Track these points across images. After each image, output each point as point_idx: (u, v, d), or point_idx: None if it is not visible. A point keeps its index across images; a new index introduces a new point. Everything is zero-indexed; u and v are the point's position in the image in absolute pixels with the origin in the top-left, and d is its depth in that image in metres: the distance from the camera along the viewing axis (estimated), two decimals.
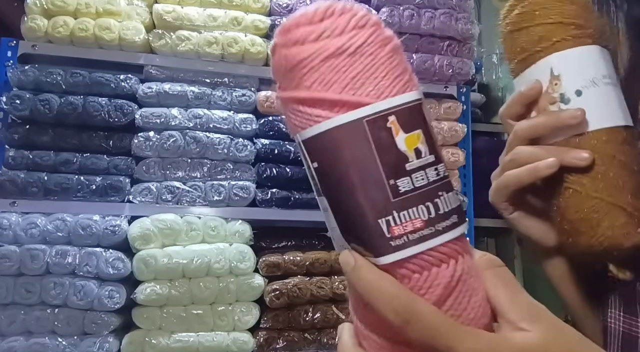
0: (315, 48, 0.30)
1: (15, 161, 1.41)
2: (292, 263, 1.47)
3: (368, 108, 0.29)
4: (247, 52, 1.57)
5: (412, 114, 0.30)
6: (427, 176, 0.30)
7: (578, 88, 0.45)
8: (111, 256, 1.36)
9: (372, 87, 0.30)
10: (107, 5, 1.52)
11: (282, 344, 1.43)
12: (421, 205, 0.29)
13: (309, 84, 0.30)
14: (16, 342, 1.31)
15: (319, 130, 0.30)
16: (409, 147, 0.29)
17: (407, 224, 0.29)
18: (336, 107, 0.29)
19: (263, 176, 1.53)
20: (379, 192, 0.29)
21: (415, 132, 0.30)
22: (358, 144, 0.29)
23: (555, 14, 0.46)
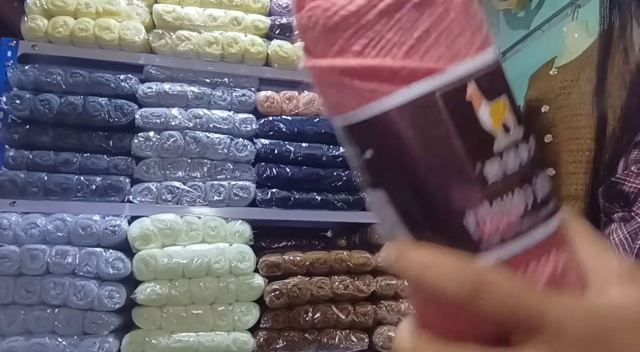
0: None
1: (15, 161, 1.41)
2: (292, 263, 1.47)
3: (443, 75, 0.22)
4: (247, 52, 1.58)
5: (495, 77, 0.23)
6: (520, 155, 0.23)
7: None
8: (111, 256, 1.36)
9: (445, 48, 0.22)
10: (107, 5, 1.52)
11: (282, 344, 1.43)
12: (516, 194, 0.23)
13: (359, 48, 0.22)
14: (16, 342, 1.31)
15: (376, 110, 0.22)
16: (495, 120, 0.23)
17: (501, 220, 0.23)
18: (398, 78, 0.22)
19: (263, 176, 1.53)
20: (462, 183, 0.23)
21: (500, 99, 0.23)
22: (431, 125, 0.22)
23: None
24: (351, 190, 1.59)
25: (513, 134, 0.23)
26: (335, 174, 1.56)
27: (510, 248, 0.23)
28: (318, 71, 0.24)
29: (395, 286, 1.52)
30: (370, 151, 0.24)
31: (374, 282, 1.51)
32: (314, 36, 0.24)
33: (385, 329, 1.49)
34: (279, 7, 1.66)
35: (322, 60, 0.23)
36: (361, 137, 0.24)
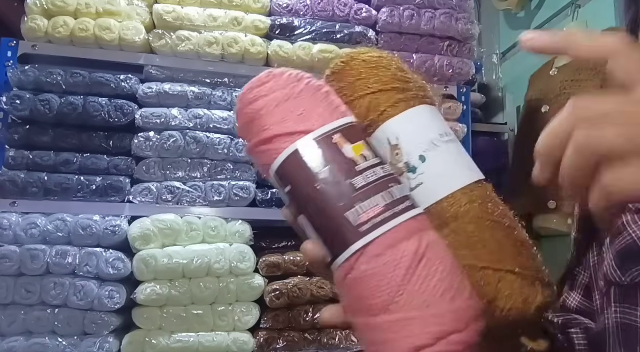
0: (267, 100, 0.39)
1: (15, 161, 1.41)
2: (292, 263, 1.47)
3: (317, 131, 0.37)
4: (247, 52, 1.58)
5: (352, 130, 0.38)
6: (375, 173, 0.36)
7: (420, 153, 0.42)
8: (111, 256, 1.36)
9: (316, 117, 0.38)
10: (107, 5, 1.52)
11: (282, 344, 1.43)
12: (377, 194, 0.35)
13: (267, 127, 0.38)
14: (16, 342, 1.31)
15: (283, 157, 0.37)
16: (356, 153, 0.37)
17: (369, 211, 0.35)
18: (292, 137, 0.37)
19: (263, 176, 1.52)
20: (340, 192, 0.35)
21: (358, 143, 0.38)
22: (315, 159, 0.36)
23: (374, 82, 0.44)
24: None
25: (370, 161, 0.37)
26: None
27: (381, 229, 0.34)
28: (251, 148, 0.40)
29: None
30: (288, 186, 0.38)
31: None
32: (246, 130, 0.40)
33: None
34: (279, 7, 1.66)
35: (252, 141, 0.40)
36: (281, 179, 0.38)
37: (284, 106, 0.39)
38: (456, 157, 0.43)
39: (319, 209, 0.36)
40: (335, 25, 1.66)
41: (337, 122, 0.38)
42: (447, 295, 0.33)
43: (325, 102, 0.40)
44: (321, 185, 0.36)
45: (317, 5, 1.68)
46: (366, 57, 0.46)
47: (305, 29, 1.63)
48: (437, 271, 0.33)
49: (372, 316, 0.33)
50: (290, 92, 0.39)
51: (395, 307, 0.33)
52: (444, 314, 0.32)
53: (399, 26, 1.70)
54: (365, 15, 1.70)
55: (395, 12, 1.71)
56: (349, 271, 0.35)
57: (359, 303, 0.35)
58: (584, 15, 1.85)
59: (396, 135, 0.43)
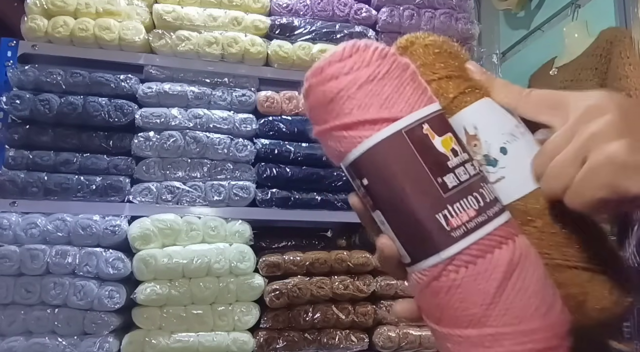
0: (349, 79, 0.34)
1: (15, 161, 1.41)
2: (292, 263, 1.47)
3: (404, 120, 0.33)
4: (247, 52, 1.58)
5: (440, 120, 0.34)
6: (467, 171, 0.33)
7: (501, 145, 0.39)
8: (111, 256, 1.36)
9: (404, 104, 0.34)
10: (107, 5, 1.52)
11: (282, 344, 1.43)
12: (470, 196, 0.32)
13: (348, 111, 0.34)
14: (16, 342, 1.31)
15: (365, 148, 0.33)
16: (446, 147, 0.33)
17: (462, 215, 0.32)
18: (377, 125, 0.33)
19: (263, 176, 1.53)
20: (431, 191, 0.32)
21: (447, 135, 0.34)
22: (403, 153, 0.32)
23: (440, 68, 0.41)
24: (351, 190, 1.59)
25: (460, 157, 0.33)
26: (335, 174, 1.56)
27: (474, 235, 0.31)
28: (324, 131, 0.36)
29: (395, 286, 1.52)
30: (365, 179, 0.34)
31: (374, 282, 1.51)
32: (320, 109, 0.36)
33: (385, 329, 1.49)
34: (279, 7, 1.66)
35: (326, 124, 0.35)
36: (358, 170, 0.34)
37: (367, 88, 0.34)
38: (534, 149, 0.39)
39: (404, 208, 0.32)
40: (335, 25, 1.67)
41: (425, 110, 0.34)
42: (541, 310, 0.31)
43: (413, 85, 0.35)
44: (409, 182, 0.32)
45: (317, 5, 1.68)
46: (428, 42, 0.43)
47: (305, 29, 1.63)
48: (530, 282, 0.31)
49: (460, 327, 0.32)
50: (376, 71, 0.34)
51: (486, 321, 0.31)
52: (536, 331, 0.31)
53: (399, 26, 1.70)
54: (365, 15, 1.70)
55: (395, 12, 1.71)
56: (436, 278, 0.32)
57: (444, 312, 0.32)
58: (584, 15, 1.85)
59: (474, 124, 0.39)
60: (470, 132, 0.39)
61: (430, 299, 0.33)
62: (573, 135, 0.31)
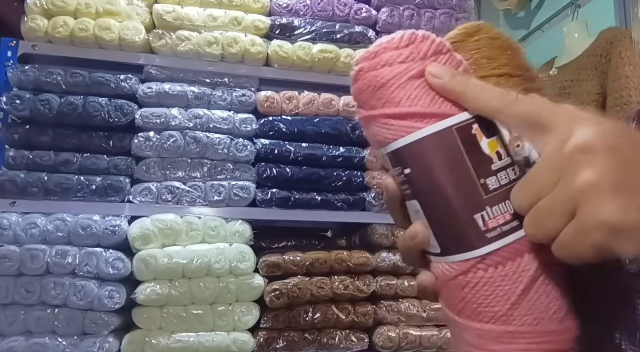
0: (402, 68, 0.34)
1: (15, 161, 1.41)
2: (292, 263, 1.47)
3: (455, 117, 0.34)
4: (247, 52, 1.58)
5: (488, 122, 0.34)
6: (508, 175, 0.34)
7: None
8: (111, 256, 1.36)
9: (453, 102, 0.34)
10: (107, 5, 1.52)
11: (282, 344, 1.43)
12: (508, 200, 0.33)
13: (398, 100, 0.34)
14: (16, 342, 1.31)
15: (412, 139, 0.34)
16: (491, 149, 0.34)
17: (499, 217, 0.33)
18: (426, 119, 0.34)
19: (263, 176, 1.53)
20: (472, 191, 0.33)
21: (494, 137, 0.34)
22: (450, 149, 0.33)
23: (502, 64, 0.41)
24: (351, 190, 1.59)
25: (503, 161, 0.34)
26: (335, 174, 1.56)
27: (507, 239, 0.32)
28: (370, 117, 0.36)
29: (395, 286, 1.52)
30: (408, 169, 0.34)
31: (374, 282, 1.51)
32: (368, 94, 0.36)
33: (385, 329, 1.49)
34: (279, 7, 1.66)
35: (373, 110, 0.35)
36: (401, 159, 0.35)
37: (419, 81, 0.34)
38: None
39: (444, 203, 0.33)
40: (335, 25, 1.67)
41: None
42: (558, 315, 0.33)
43: None
44: (452, 179, 0.33)
45: (317, 5, 1.68)
46: (493, 34, 0.42)
47: (305, 29, 1.63)
48: (553, 288, 0.33)
49: (480, 322, 0.34)
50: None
51: (506, 319, 0.33)
52: (552, 333, 0.33)
53: (399, 26, 1.70)
54: (365, 15, 1.70)
55: (395, 12, 1.71)
56: (464, 273, 0.34)
57: (466, 305, 0.34)
58: (584, 15, 1.85)
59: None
60: (514, 132, 0.39)
61: (455, 291, 0.34)
62: (559, 176, 0.29)
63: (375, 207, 1.59)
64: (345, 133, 1.59)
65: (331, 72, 1.67)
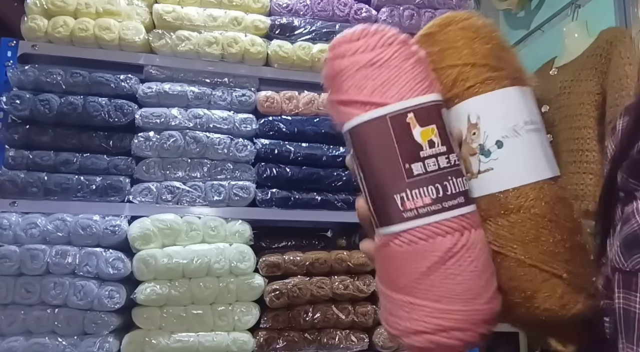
0: (351, 61, 0.38)
1: (15, 161, 1.41)
2: (292, 263, 1.47)
3: (391, 106, 0.37)
4: (247, 52, 1.58)
5: (429, 111, 0.37)
6: (438, 163, 0.36)
7: (498, 138, 0.40)
8: (111, 256, 1.36)
9: (396, 91, 0.37)
10: (107, 5, 1.52)
11: (282, 344, 1.43)
12: (431, 185, 0.36)
13: (346, 89, 0.38)
14: (16, 342, 1.31)
15: (354, 124, 0.38)
16: (424, 138, 0.36)
17: (417, 200, 0.36)
18: (366, 106, 0.37)
19: (263, 176, 1.53)
20: (396, 173, 0.36)
21: (429, 127, 0.37)
22: (382, 135, 0.37)
23: (467, 55, 0.42)
24: (351, 190, 1.59)
25: (436, 149, 0.36)
26: (335, 174, 1.56)
27: (422, 220, 0.36)
28: (329, 102, 0.41)
29: None
30: (352, 149, 0.39)
31: (374, 282, 1.51)
32: (328, 83, 0.41)
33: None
34: (279, 7, 1.66)
35: (330, 96, 0.40)
36: (349, 141, 0.39)
37: (366, 72, 0.38)
38: (535, 149, 0.41)
39: (375, 181, 0.37)
40: (335, 25, 1.67)
41: (414, 100, 0.37)
42: (463, 296, 0.36)
43: (411, 74, 0.38)
44: (382, 161, 0.37)
45: (317, 5, 1.68)
46: (465, 25, 0.43)
47: (305, 29, 1.63)
48: (463, 272, 0.36)
49: (392, 290, 0.38)
50: (377, 58, 0.38)
51: (411, 291, 0.36)
52: (451, 312, 0.35)
53: (399, 26, 1.70)
54: (365, 15, 1.70)
55: (395, 12, 1.71)
56: (385, 245, 0.38)
57: (385, 274, 0.39)
58: (584, 15, 1.85)
59: (478, 114, 0.41)
60: (472, 120, 0.42)
61: (379, 260, 0.39)
62: None
63: None
64: None
65: None
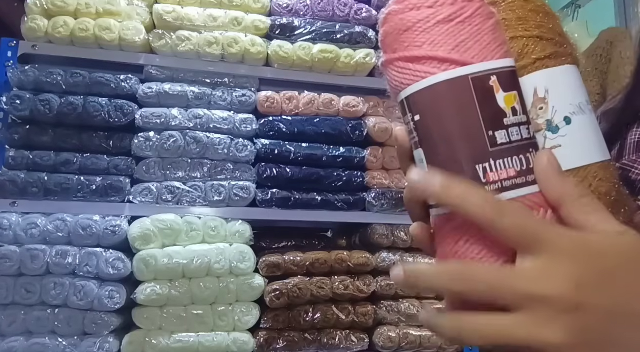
0: (430, 12, 0.34)
1: (15, 161, 1.41)
2: (292, 263, 1.47)
3: (474, 66, 0.33)
4: (247, 52, 1.57)
5: (510, 76, 0.34)
6: (521, 132, 0.33)
7: (566, 114, 0.39)
8: (111, 256, 1.36)
9: (477, 51, 0.33)
10: (107, 5, 1.52)
11: (282, 344, 1.43)
12: (515, 156, 0.32)
13: (420, 44, 0.34)
14: (16, 342, 1.31)
15: (427, 84, 0.33)
16: (507, 104, 0.33)
17: (502, 172, 0.32)
18: (444, 65, 0.33)
19: (263, 176, 1.53)
20: (478, 141, 0.32)
21: (512, 92, 0.34)
22: (462, 98, 0.32)
23: (534, 27, 0.41)
24: (351, 190, 1.59)
25: (518, 117, 0.33)
26: (335, 174, 1.56)
27: (506, 194, 0.32)
28: (391, 60, 0.35)
29: (395, 286, 1.52)
30: (417, 115, 0.34)
31: (374, 282, 1.51)
32: (393, 37, 0.36)
33: (385, 329, 1.49)
34: (279, 7, 1.66)
35: (395, 53, 0.35)
36: (412, 105, 0.34)
37: (445, 27, 0.34)
38: (597, 128, 0.39)
39: (448, 150, 0.33)
40: (335, 25, 1.66)
41: (497, 63, 0.34)
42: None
43: (492, 35, 0.35)
44: (460, 127, 0.32)
45: (317, 5, 1.68)
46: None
47: (305, 29, 1.63)
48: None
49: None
50: (458, 12, 0.34)
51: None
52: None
53: None
54: (365, 15, 1.70)
55: None
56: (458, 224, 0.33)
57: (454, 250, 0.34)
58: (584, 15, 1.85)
59: (546, 88, 0.39)
60: (540, 94, 0.39)
61: (443, 239, 0.34)
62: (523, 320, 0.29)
63: (375, 207, 1.58)
64: (345, 133, 1.59)
65: (331, 72, 1.67)
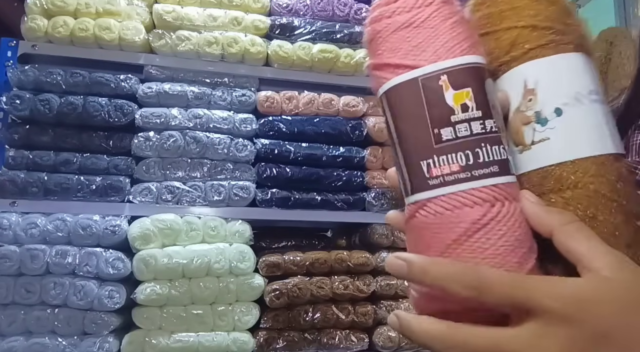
0: (387, 23, 0.37)
1: (15, 161, 1.41)
2: (292, 263, 1.47)
3: (424, 68, 0.35)
4: (247, 52, 1.57)
5: (465, 74, 0.35)
6: (471, 128, 0.34)
7: (558, 105, 0.37)
8: (111, 256, 1.36)
9: (431, 53, 0.35)
10: (107, 5, 1.52)
11: (282, 344, 1.43)
12: (460, 152, 0.34)
13: (380, 52, 0.37)
14: (16, 342, 1.31)
15: (386, 88, 0.37)
16: (456, 102, 0.34)
17: (444, 167, 0.34)
18: (399, 69, 0.36)
19: (263, 176, 1.53)
20: (424, 139, 0.35)
21: (464, 90, 0.34)
22: (413, 99, 0.35)
23: (528, 16, 0.39)
24: (351, 190, 1.59)
25: (469, 114, 0.34)
26: (335, 174, 1.56)
27: (448, 188, 0.33)
28: (368, 67, 0.40)
29: (395, 286, 1.52)
30: (384, 116, 0.38)
31: (374, 282, 1.51)
32: (367, 47, 0.39)
33: (385, 329, 1.49)
34: (279, 7, 1.66)
35: (369, 61, 0.39)
36: (382, 106, 0.38)
37: (401, 34, 0.36)
38: (599, 120, 0.37)
39: (403, 148, 0.36)
40: (335, 25, 1.66)
41: (450, 62, 0.35)
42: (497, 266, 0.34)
43: (449, 35, 0.36)
44: (410, 126, 0.35)
45: (317, 5, 1.68)
46: None
47: (305, 29, 1.63)
48: (492, 246, 0.33)
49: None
50: (413, 18, 0.36)
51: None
52: None
53: None
54: (365, 15, 1.70)
55: None
56: (412, 216, 0.36)
57: (413, 248, 0.37)
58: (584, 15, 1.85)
59: (535, 79, 0.38)
60: (529, 85, 0.38)
61: (408, 232, 0.38)
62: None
63: (375, 207, 1.58)
64: (345, 133, 1.59)
65: (331, 72, 1.67)
